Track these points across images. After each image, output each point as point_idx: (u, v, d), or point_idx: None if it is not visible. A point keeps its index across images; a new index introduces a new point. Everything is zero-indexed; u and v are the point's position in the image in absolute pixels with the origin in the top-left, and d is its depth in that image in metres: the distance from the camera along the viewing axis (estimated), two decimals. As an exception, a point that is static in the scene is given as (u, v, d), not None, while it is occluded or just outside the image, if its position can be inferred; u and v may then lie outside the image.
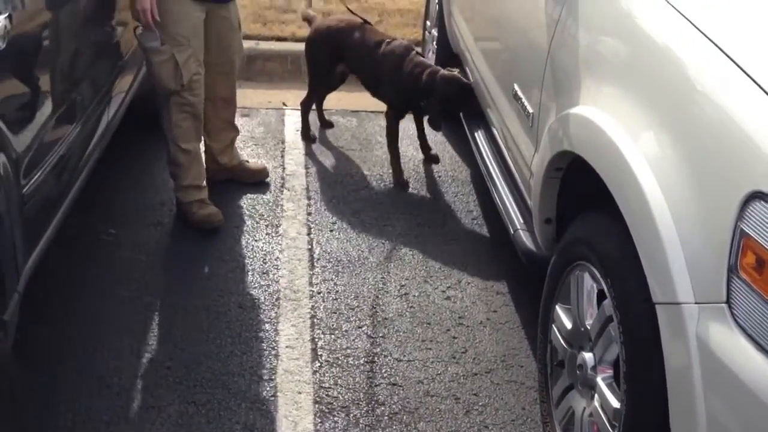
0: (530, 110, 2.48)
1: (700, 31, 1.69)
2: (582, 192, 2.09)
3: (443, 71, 3.54)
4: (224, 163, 3.53)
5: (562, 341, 2.10)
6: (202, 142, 3.37)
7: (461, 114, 3.61)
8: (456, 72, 3.65)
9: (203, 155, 3.41)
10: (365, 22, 3.84)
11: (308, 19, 4.08)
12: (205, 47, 3.13)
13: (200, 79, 3.11)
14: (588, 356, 1.93)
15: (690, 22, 1.74)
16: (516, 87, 2.67)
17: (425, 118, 3.78)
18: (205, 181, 3.29)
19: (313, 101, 4.12)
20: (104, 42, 3.02)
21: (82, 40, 2.73)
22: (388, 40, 3.71)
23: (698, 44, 1.67)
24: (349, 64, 3.89)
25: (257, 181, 3.61)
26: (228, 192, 3.54)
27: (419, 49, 3.93)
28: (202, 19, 3.08)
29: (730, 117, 1.49)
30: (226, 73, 3.33)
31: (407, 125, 3.91)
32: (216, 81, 3.28)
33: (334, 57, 3.86)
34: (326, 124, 4.26)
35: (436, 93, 3.47)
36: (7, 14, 1.96)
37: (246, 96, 4.66)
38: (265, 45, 5.20)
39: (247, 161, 3.69)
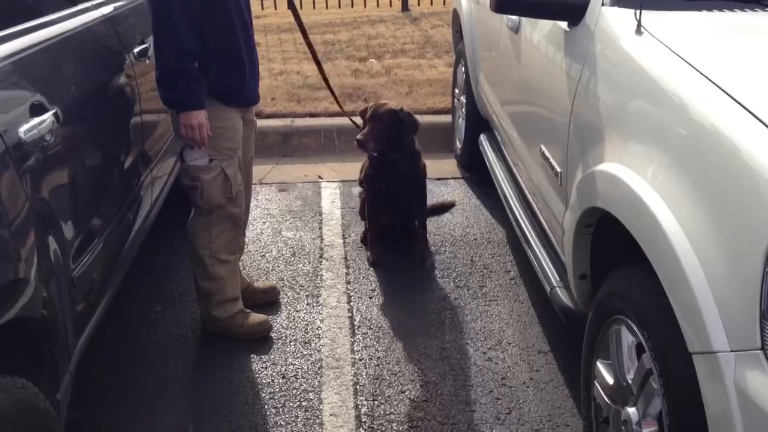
0: (558, 169, 2.53)
1: (718, 86, 1.73)
2: (614, 246, 2.11)
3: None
4: None
5: (605, 397, 2.09)
6: None
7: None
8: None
9: None
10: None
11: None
12: None
13: (243, 188, 2.94)
14: (632, 411, 1.92)
15: (708, 78, 1.78)
16: (543, 147, 2.72)
17: None
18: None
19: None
20: (146, 127, 3.10)
21: (125, 129, 2.86)
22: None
23: (714, 98, 1.72)
24: None
25: (269, 300, 3.27)
26: (267, 263, 3.63)
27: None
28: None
29: (751, 169, 1.51)
30: (247, 176, 3.10)
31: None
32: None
33: None
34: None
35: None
36: (54, 110, 2.09)
37: (283, 171, 4.80)
38: (300, 122, 5.33)
39: (257, 281, 3.40)
